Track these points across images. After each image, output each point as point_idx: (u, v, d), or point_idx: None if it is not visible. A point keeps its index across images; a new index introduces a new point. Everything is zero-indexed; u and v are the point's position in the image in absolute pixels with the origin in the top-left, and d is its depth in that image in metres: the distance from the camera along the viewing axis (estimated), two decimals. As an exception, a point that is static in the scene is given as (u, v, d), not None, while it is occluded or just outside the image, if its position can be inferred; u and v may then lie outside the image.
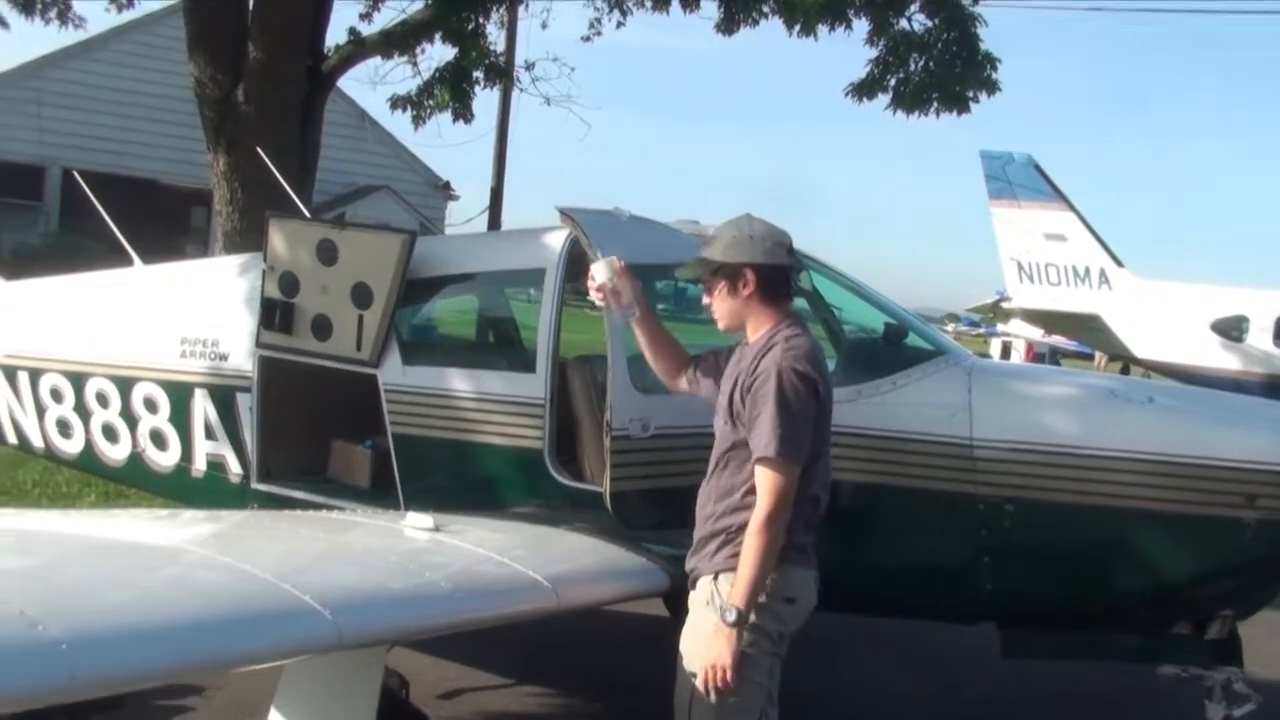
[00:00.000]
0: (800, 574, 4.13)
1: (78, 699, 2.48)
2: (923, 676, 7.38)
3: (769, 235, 4.28)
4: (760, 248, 4.24)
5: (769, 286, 4.25)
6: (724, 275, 4.28)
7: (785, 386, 4.00)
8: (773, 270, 4.26)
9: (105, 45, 25.75)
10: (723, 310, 4.35)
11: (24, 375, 7.08)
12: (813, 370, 4.08)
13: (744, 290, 4.25)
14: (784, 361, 4.05)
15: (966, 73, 12.38)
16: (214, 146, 11.32)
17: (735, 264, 4.25)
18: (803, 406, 4.02)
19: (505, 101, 22.95)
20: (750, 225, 4.31)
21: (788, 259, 4.33)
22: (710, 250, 4.35)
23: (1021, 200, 26.59)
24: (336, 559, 3.92)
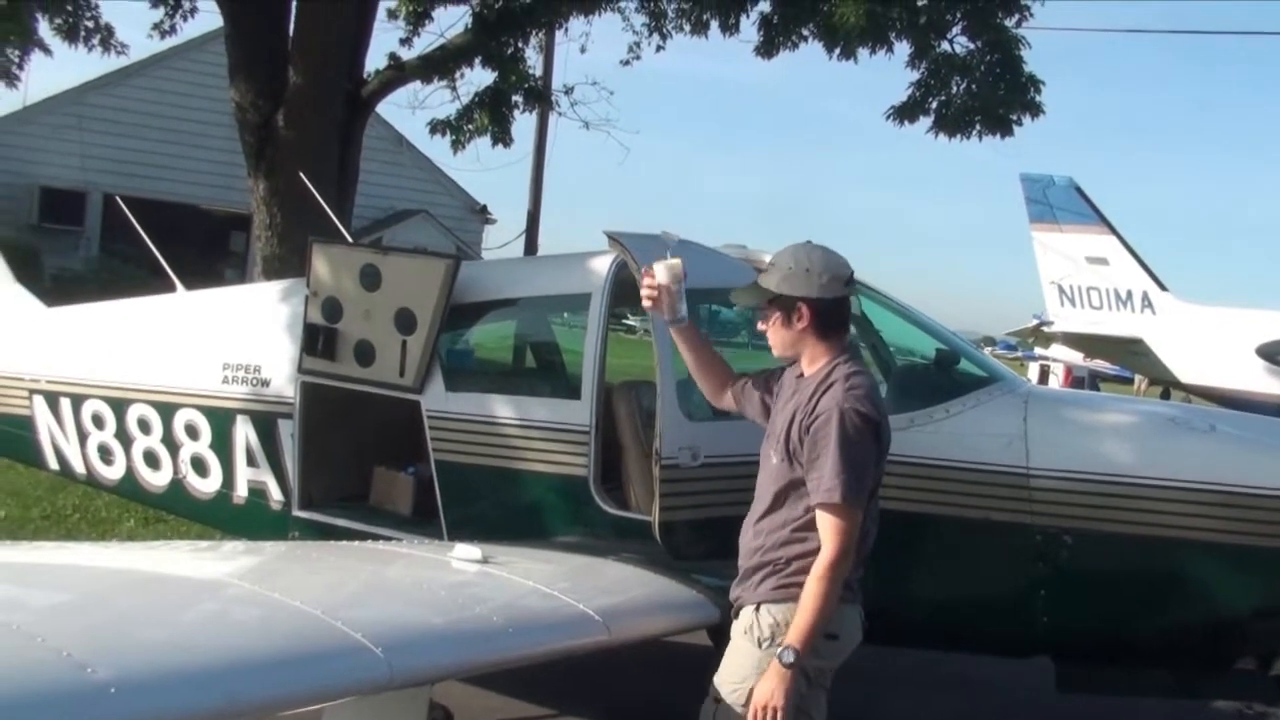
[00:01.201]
0: (846, 610, 4.06)
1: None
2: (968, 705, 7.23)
3: (826, 269, 4.17)
4: (817, 282, 4.14)
5: (824, 320, 4.16)
6: (779, 306, 4.20)
7: (848, 428, 3.92)
8: (829, 304, 4.16)
9: (145, 71, 25.96)
10: (777, 340, 4.27)
11: (66, 401, 7.07)
12: (874, 412, 4.01)
13: (799, 323, 4.16)
14: (846, 403, 3.95)
15: (1009, 95, 12.25)
16: (254, 171, 11.34)
17: (790, 297, 4.16)
18: (865, 449, 3.95)
19: (542, 125, 22.97)
20: (809, 256, 4.21)
21: (844, 291, 4.23)
22: (767, 279, 4.26)
23: (1062, 223, 26.38)
24: (385, 593, 3.83)
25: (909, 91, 12.57)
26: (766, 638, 3.97)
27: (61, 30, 12.21)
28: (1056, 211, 26.38)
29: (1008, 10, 11.97)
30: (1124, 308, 26.01)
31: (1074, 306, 26.59)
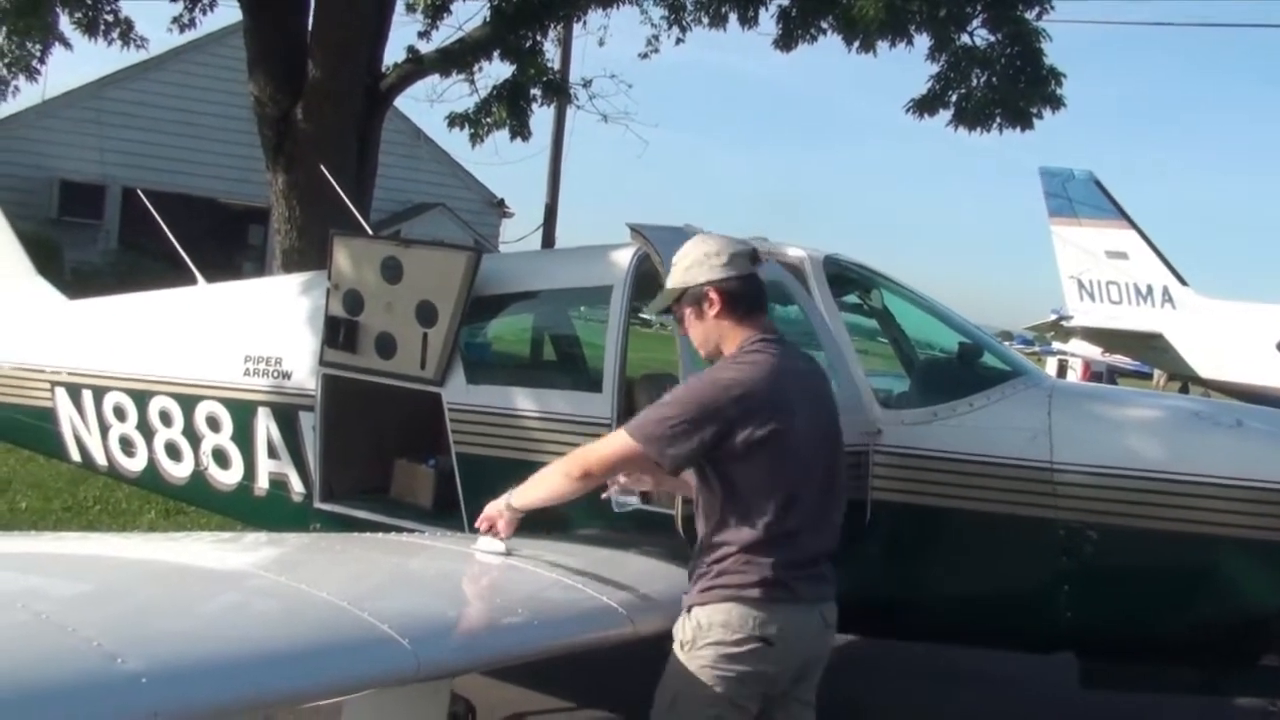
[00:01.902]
0: (783, 610, 3.76)
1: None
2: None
3: (724, 249, 3.99)
4: (718, 263, 3.95)
5: (735, 301, 3.95)
6: (688, 301, 4.02)
7: (690, 384, 3.84)
8: (736, 283, 3.95)
9: (164, 65, 26.02)
10: (697, 337, 4.06)
11: (88, 393, 7.08)
12: (745, 379, 3.75)
13: (710, 311, 3.96)
14: (717, 370, 3.84)
15: (1030, 88, 12.20)
16: (273, 165, 11.35)
17: (696, 286, 3.98)
18: (699, 406, 3.73)
19: (560, 119, 22.96)
20: (705, 243, 4.06)
21: (751, 268, 4.01)
22: (670, 279, 4.10)
23: (1082, 217, 26.28)
24: (410, 585, 3.83)
25: (929, 84, 12.54)
26: (688, 640, 3.78)
27: (81, 24, 12.24)
28: (1076, 205, 26.28)
29: (1028, 3, 11.92)
30: (1144, 302, 25.91)
31: (1093, 301, 26.49)
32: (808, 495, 3.84)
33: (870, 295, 6.33)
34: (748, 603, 3.71)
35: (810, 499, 3.85)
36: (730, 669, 3.69)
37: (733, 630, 3.70)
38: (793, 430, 3.78)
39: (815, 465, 3.89)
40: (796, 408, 3.82)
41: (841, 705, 6.91)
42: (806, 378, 4.00)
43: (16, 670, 2.36)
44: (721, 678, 3.69)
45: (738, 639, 3.70)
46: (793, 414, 3.79)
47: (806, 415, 3.86)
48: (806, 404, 3.89)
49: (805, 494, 3.83)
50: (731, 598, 3.72)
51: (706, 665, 3.71)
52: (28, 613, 2.66)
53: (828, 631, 3.95)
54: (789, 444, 3.77)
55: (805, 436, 3.83)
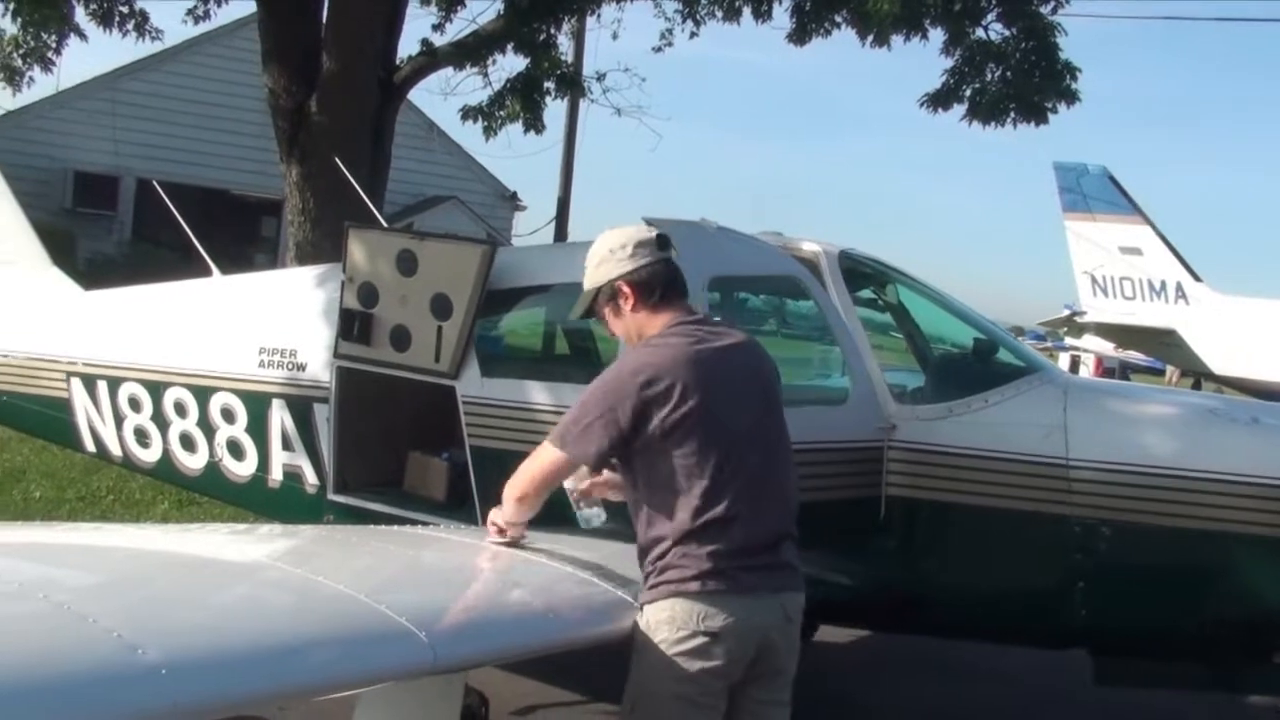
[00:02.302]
0: (726, 602, 3.63)
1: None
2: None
3: (628, 241, 3.93)
4: (624, 256, 3.90)
5: (647, 290, 3.88)
6: (604, 300, 3.97)
7: (601, 378, 3.77)
8: (645, 272, 3.88)
9: (178, 57, 26.03)
10: (620, 332, 4.02)
11: (103, 384, 7.11)
12: (645, 366, 3.67)
13: (627, 305, 3.91)
14: (624, 359, 3.80)
15: (1045, 83, 12.16)
16: (287, 157, 11.36)
17: (608, 283, 3.93)
18: (606, 396, 3.68)
19: (573, 112, 22.96)
20: (608, 239, 3.98)
21: (660, 255, 3.92)
22: (586, 279, 4.04)
23: (1096, 213, 26.19)
24: (426, 578, 3.84)
25: (943, 79, 12.50)
26: (641, 640, 3.70)
27: (96, 15, 12.25)
28: (1090, 200, 26.19)
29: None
30: (1158, 298, 25.83)
31: (1107, 297, 26.41)
32: (740, 477, 3.68)
33: (885, 290, 6.32)
34: (689, 596, 3.62)
35: (743, 481, 3.69)
36: (681, 666, 3.60)
37: (677, 626, 3.61)
38: (712, 410, 3.66)
39: (746, 445, 3.74)
40: (716, 386, 3.69)
41: (849, 701, 6.98)
42: (730, 355, 3.81)
43: (38, 660, 2.37)
44: (674, 676, 3.61)
45: (682, 635, 3.61)
46: (710, 393, 3.66)
47: (730, 393, 3.73)
48: (730, 382, 3.75)
49: (736, 477, 3.68)
50: (674, 593, 3.63)
51: (658, 664, 3.63)
52: (48, 603, 2.67)
53: (788, 624, 3.78)
54: (710, 425, 3.65)
55: (730, 416, 3.70)
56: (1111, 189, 26.17)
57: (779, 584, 3.75)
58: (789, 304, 7.35)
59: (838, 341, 5.69)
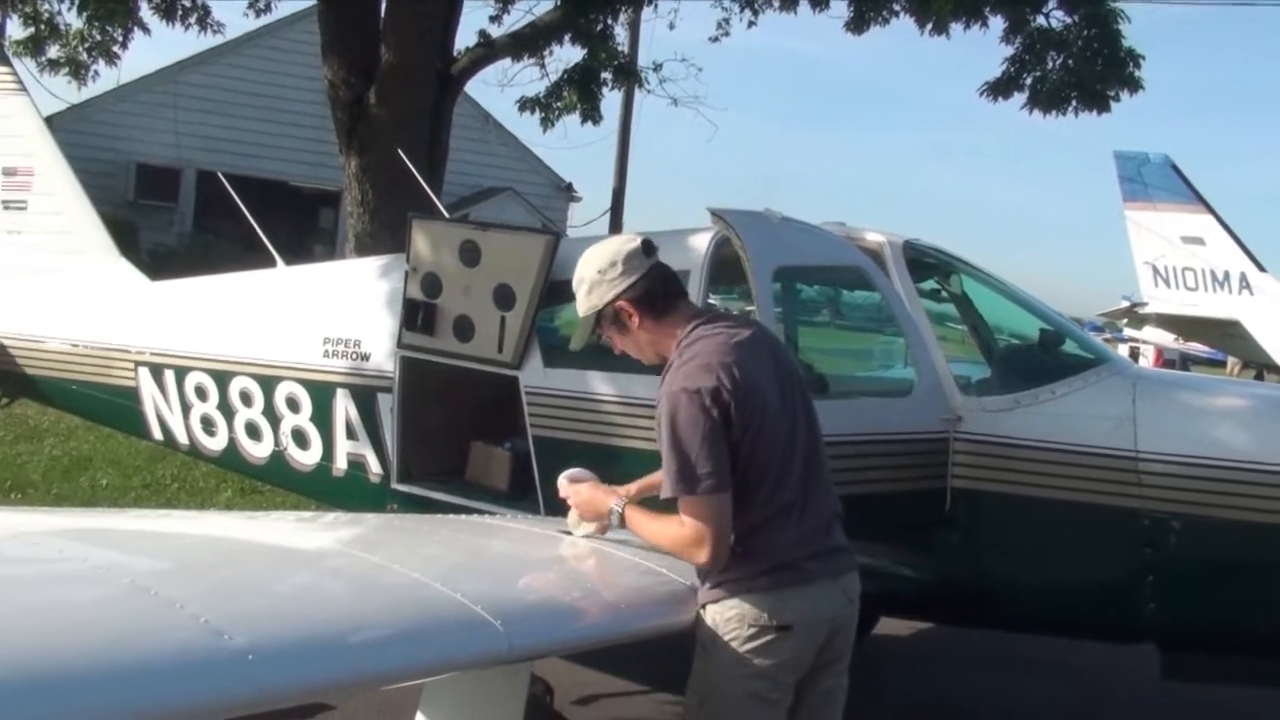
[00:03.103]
0: (796, 594, 3.61)
1: (259, 710, 2.43)
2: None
3: (614, 258, 3.80)
4: (615, 274, 3.78)
5: (649, 303, 3.80)
6: (607, 323, 3.88)
7: (671, 415, 3.55)
8: (642, 286, 3.79)
9: (238, 50, 26.31)
10: (634, 349, 3.93)
11: (170, 373, 7.20)
12: (704, 380, 3.55)
13: (633, 323, 3.82)
14: (673, 385, 3.59)
15: (1107, 70, 12.01)
16: (346, 149, 11.47)
17: (606, 306, 3.82)
18: (693, 429, 3.52)
19: (628, 103, 22.97)
20: (592, 261, 3.86)
21: (648, 264, 3.82)
22: (580, 306, 3.93)
23: (1157, 202, 25.78)
24: (498, 567, 3.84)
25: (1003, 67, 12.39)
26: (707, 640, 3.65)
27: (160, 9, 12.42)
28: (1151, 190, 25.79)
29: (1107, -17, 11.75)
30: (1221, 289, 25.40)
31: (1168, 287, 26.01)
32: (797, 462, 3.69)
33: (949, 280, 6.27)
34: (758, 592, 3.57)
35: (800, 466, 3.69)
36: (752, 663, 3.57)
37: (747, 623, 3.57)
38: (769, 402, 3.65)
39: (795, 430, 3.72)
40: (763, 378, 3.67)
41: (910, 695, 6.95)
42: (756, 344, 3.76)
43: (129, 644, 2.41)
44: (745, 673, 3.57)
45: (752, 632, 3.56)
46: (761, 386, 3.64)
47: (770, 380, 3.70)
48: (765, 369, 3.71)
49: (794, 462, 3.68)
50: (741, 590, 3.59)
51: (728, 662, 3.59)
52: (135, 587, 2.71)
53: (850, 606, 3.76)
54: (771, 416, 3.63)
55: (779, 403, 3.69)
56: (1174, 178, 25.76)
57: (839, 568, 3.74)
58: (844, 295, 7.32)
59: (902, 332, 5.66)
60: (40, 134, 8.53)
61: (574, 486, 4.09)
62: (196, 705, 2.37)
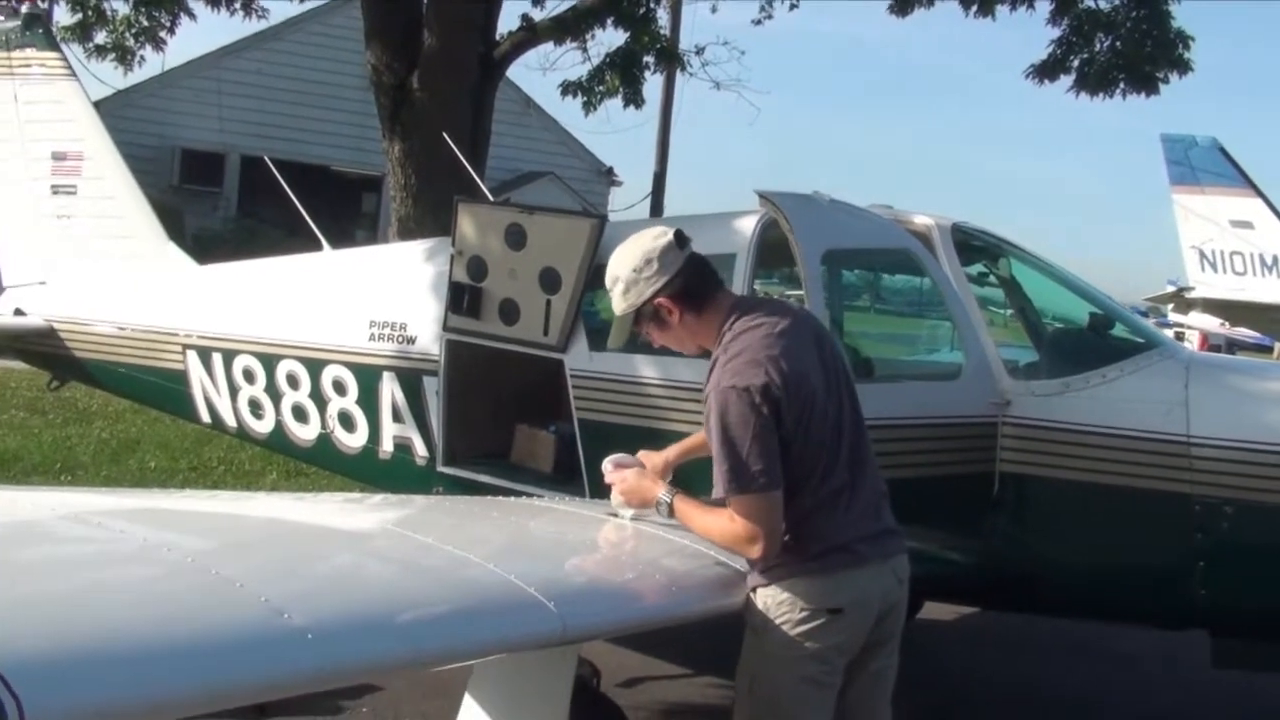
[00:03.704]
0: (847, 577, 3.61)
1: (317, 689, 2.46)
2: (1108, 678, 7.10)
3: (650, 253, 3.76)
4: (651, 272, 3.75)
5: (688, 297, 3.77)
6: (646, 321, 3.85)
7: (721, 413, 3.52)
8: (678, 283, 3.76)
9: (281, 35, 26.45)
10: (674, 344, 3.94)
11: (218, 356, 7.26)
12: (753, 377, 3.52)
13: (673, 318, 3.80)
14: (722, 382, 3.56)
15: (1156, 52, 11.87)
16: (389, 133, 11.51)
17: (645, 304, 3.79)
18: (743, 427, 3.49)
19: (669, 86, 22.92)
20: (627, 259, 3.82)
21: (681, 257, 3.77)
22: (616, 305, 3.90)
23: (1205, 186, 25.44)
24: (548, 548, 3.84)
25: (1049, 49, 12.28)
26: (758, 623, 3.65)
27: (206, -5, 12.48)
28: (1199, 173, 25.44)
29: (1155, -38, 11.60)
30: (1269, 273, 25.04)
31: (1215, 272, 25.68)
32: (845, 445, 3.68)
33: (998, 263, 6.23)
34: (810, 575, 3.58)
35: (845, 449, 3.68)
36: (804, 646, 3.57)
37: (799, 607, 3.57)
38: (816, 389, 3.63)
39: (841, 412, 3.71)
40: (810, 365, 3.65)
41: (955, 679, 6.92)
42: (800, 329, 3.74)
43: (197, 622, 2.44)
44: (796, 657, 3.57)
45: (804, 615, 3.56)
46: (809, 374, 3.62)
47: (815, 365, 3.67)
48: (810, 354, 3.68)
49: (839, 447, 3.67)
50: (793, 574, 3.58)
51: (780, 645, 3.59)
52: (196, 568, 2.74)
53: (900, 587, 3.75)
54: (821, 403, 3.62)
55: (826, 388, 3.67)
56: (1222, 161, 25.40)
57: (889, 550, 3.73)
58: (892, 278, 7.28)
59: (950, 316, 5.63)
60: (90, 119, 8.61)
61: (619, 473, 4.10)
62: (260, 683, 2.39)
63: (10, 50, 8.72)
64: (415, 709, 5.74)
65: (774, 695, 3.62)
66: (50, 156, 8.56)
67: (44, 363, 8.63)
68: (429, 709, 5.66)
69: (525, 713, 3.84)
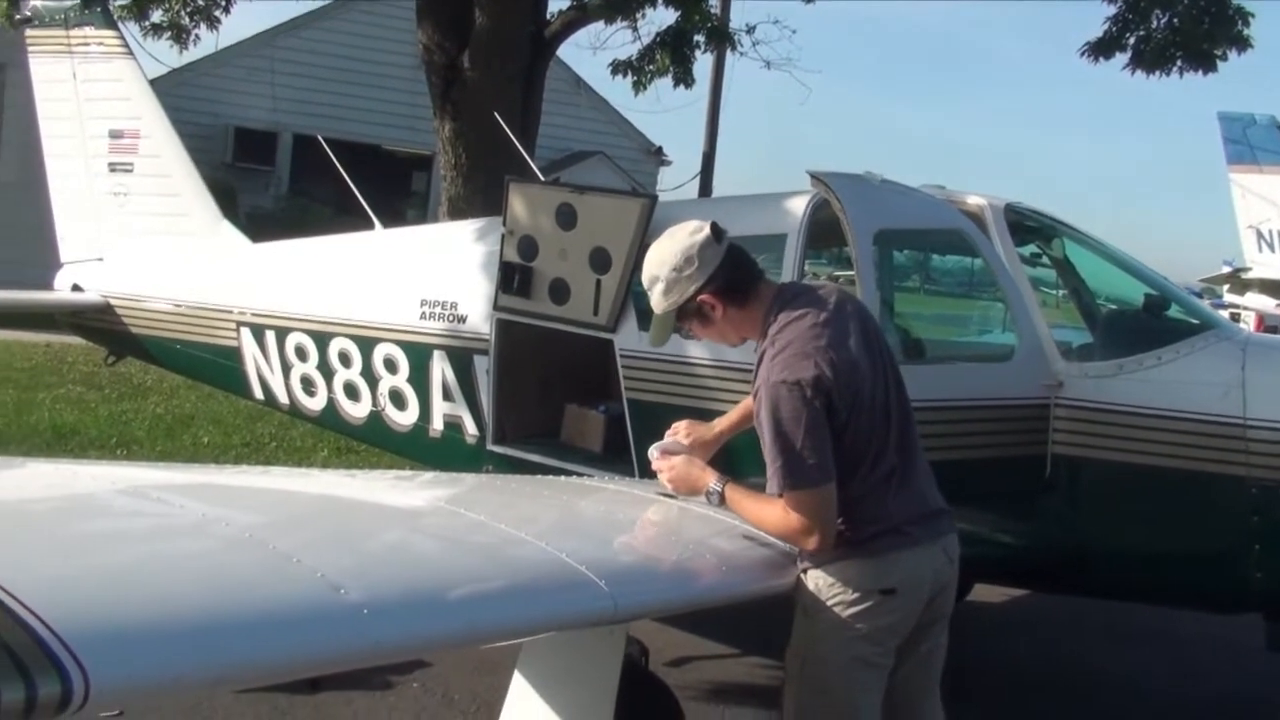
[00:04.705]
0: (899, 558, 3.60)
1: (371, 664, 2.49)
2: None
3: (689, 251, 3.74)
4: (692, 269, 3.73)
5: (730, 291, 3.76)
6: (689, 317, 3.85)
7: (772, 409, 3.51)
8: (719, 276, 3.74)
9: (332, 14, 26.54)
10: (717, 337, 3.95)
11: (271, 334, 7.33)
12: (803, 371, 3.50)
13: (717, 314, 3.79)
14: (772, 376, 3.55)
15: (1215, 28, 11.67)
16: (440, 113, 11.55)
17: (688, 302, 3.78)
18: (795, 422, 3.48)
19: (719, 65, 22.81)
20: (666, 258, 3.80)
21: (719, 251, 3.76)
22: (657, 303, 3.87)
23: (1264, 164, 25.05)
24: (599, 527, 3.85)
25: (1104, 27, 12.10)
26: (809, 604, 3.64)
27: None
28: (1257, 152, 25.04)
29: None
30: (1328, 254, 24.68)
31: (1273, 252, 25.31)
32: (890, 430, 3.67)
33: (1051, 244, 6.17)
34: (862, 557, 3.58)
35: (894, 432, 3.67)
36: (856, 627, 3.57)
37: (852, 588, 3.56)
38: (865, 374, 3.62)
39: (889, 393, 3.70)
40: (857, 349, 3.63)
41: (1005, 662, 6.89)
42: (844, 313, 3.71)
43: (255, 596, 2.47)
44: (848, 638, 3.57)
45: (856, 596, 3.56)
46: (857, 359, 3.61)
47: (861, 348, 3.65)
48: (854, 338, 3.65)
49: (888, 431, 3.66)
50: (845, 555, 3.58)
51: (832, 627, 3.59)
52: (253, 541, 2.77)
53: (951, 566, 3.74)
54: (865, 390, 3.61)
55: (874, 372, 3.66)
56: (1281, 139, 25.01)
57: (939, 529, 3.73)
58: (944, 259, 7.23)
59: (1003, 297, 5.58)
60: (147, 97, 8.70)
61: (667, 460, 4.09)
62: (318, 657, 2.43)
63: (69, 29, 8.83)
64: (465, 685, 5.80)
65: (825, 676, 3.62)
66: (108, 134, 8.67)
67: (101, 338, 8.76)
68: (478, 686, 5.72)
69: (574, 691, 3.87)
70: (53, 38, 8.89)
